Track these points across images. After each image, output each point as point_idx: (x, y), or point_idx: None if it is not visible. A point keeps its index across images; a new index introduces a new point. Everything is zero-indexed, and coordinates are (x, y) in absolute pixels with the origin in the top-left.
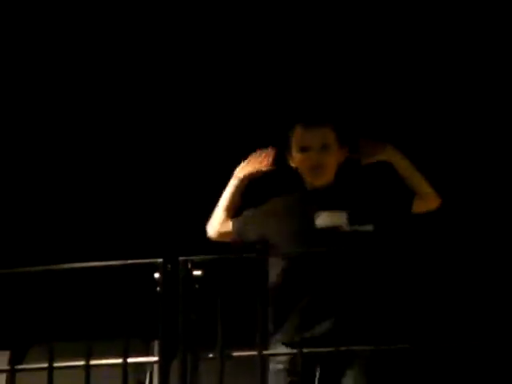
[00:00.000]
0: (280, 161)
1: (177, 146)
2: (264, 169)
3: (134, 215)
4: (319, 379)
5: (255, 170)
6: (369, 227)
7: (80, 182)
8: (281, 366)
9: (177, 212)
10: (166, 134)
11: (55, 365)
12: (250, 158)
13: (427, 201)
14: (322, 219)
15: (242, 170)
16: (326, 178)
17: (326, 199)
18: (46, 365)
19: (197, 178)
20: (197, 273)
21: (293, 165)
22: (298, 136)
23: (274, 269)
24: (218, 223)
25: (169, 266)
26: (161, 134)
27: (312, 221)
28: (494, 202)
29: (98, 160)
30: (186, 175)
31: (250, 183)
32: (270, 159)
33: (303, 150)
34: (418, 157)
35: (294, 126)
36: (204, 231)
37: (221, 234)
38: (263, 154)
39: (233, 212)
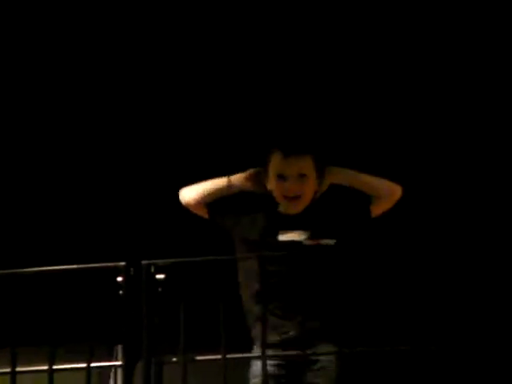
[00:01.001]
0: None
1: (142, 150)
2: (253, 188)
3: (97, 218)
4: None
5: (245, 186)
6: (330, 241)
7: (43, 186)
8: (257, 381)
9: (139, 216)
10: (131, 138)
11: (18, 369)
12: (244, 174)
13: (385, 197)
14: (284, 236)
15: (238, 181)
16: (300, 207)
17: (291, 222)
18: (8, 369)
19: (160, 182)
20: (160, 276)
21: (268, 187)
22: (275, 163)
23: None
24: (193, 196)
25: (132, 269)
26: (125, 139)
27: (275, 237)
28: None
29: (62, 163)
30: (148, 179)
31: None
32: (260, 183)
33: (280, 177)
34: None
35: (272, 150)
36: (167, 235)
37: (189, 205)
38: (256, 175)
39: (207, 199)
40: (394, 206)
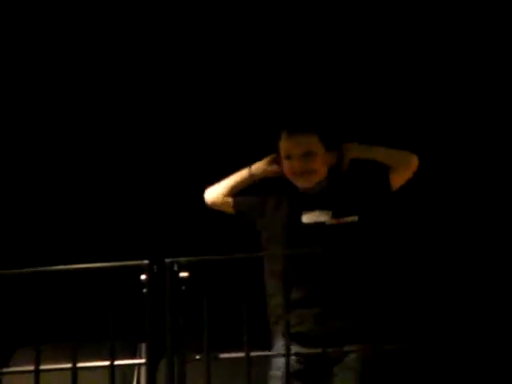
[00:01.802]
0: None
1: (164, 149)
2: (274, 173)
3: (121, 217)
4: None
5: (266, 173)
6: (354, 218)
7: (65, 184)
8: (278, 373)
9: (163, 214)
10: (153, 137)
11: (42, 367)
12: (263, 161)
13: (403, 166)
14: (307, 217)
15: (258, 168)
16: (311, 181)
17: (313, 201)
18: (32, 368)
19: (183, 181)
20: (183, 274)
21: (283, 172)
22: (283, 144)
23: (269, 270)
24: (217, 194)
25: (155, 267)
26: (147, 137)
27: (299, 218)
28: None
29: (84, 163)
30: (172, 177)
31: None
32: (280, 167)
33: (287, 157)
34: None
35: (280, 133)
36: (190, 233)
37: (214, 203)
38: (274, 160)
39: (231, 193)
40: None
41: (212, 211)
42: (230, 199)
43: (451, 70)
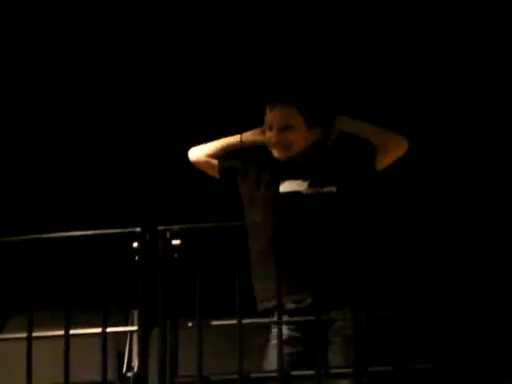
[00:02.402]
0: None
1: (158, 117)
2: (261, 142)
3: (112, 184)
4: (307, 349)
5: (254, 141)
6: (332, 188)
7: (58, 153)
8: (275, 342)
9: (155, 181)
10: (146, 108)
11: (34, 334)
12: (252, 131)
13: (392, 148)
14: (285, 186)
15: (247, 136)
16: (286, 154)
17: (293, 171)
18: (25, 334)
19: (174, 148)
20: (175, 242)
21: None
22: (266, 116)
23: (250, 235)
24: (203, 152)
25: (147, 235)
26: (140, 108)
27: (277, 188)
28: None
29: (78, 132)
30: (163, 145)
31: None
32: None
33: (269, 128)
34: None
35: (266, 105)
36: (183, 201)
37: (198, 162)
38: (263, 132)
39: (217, 155)
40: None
41: (205, 178)
42: (214, 161)
43: (441, 58)
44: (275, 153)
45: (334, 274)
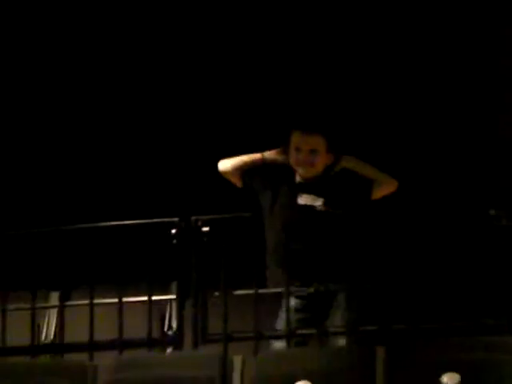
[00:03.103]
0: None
1: (190, 119)
2: (282, 162)
3: (155, 182)
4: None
5: (275, 160)
6: (338, 211)
7: (105, 149)
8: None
9: (190, 178)
10: (182, 106)
11: (95, 301)
12: (275, 150)
13: (384, 185)
14: (302, 199)
15: (270, 155)
16: (312, 173)
17: (308, 188)
18: (87, 302)
19: (204, 150)
20: (205, 229)
21: (290, 161)
22: (295, 139)
23: (270, 231)
24: (230, 165)
25: (183, 223)
26: (176, 105)
27: (295, 199)
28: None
29: (122, 131)
30: (198, 148)
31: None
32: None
33: (297, 150)
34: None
35: (293, 130)
36: (212, 195)
37: (225, 172)
38: (284, 151)
39: (242, 168)
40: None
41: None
42: (238, 173)
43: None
44: (301, 171)
45: (333, 268)
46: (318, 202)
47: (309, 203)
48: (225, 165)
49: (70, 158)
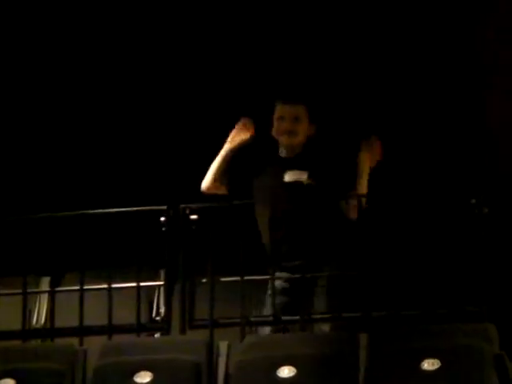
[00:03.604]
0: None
1: (178, 107)
2: (248, 140)
3: (145, 170)
4: (297, 298)
5: (241, 142)
6: (323, 183)
7: (96, 138)
8: (270, 292)
9: (178, 167)
10: (171, 93)
11: (85, 287)
12: (235, 130)
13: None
14: (288, 176)
15: (230, 142)
16: (294, 141)
17: (293, 164)
18: (77, 287)
19: (193, 139)
20: (193, 217)
21: (273, 134)
22: (277, 109)
23: (260, 216)
24: (209, 182)
25: (171, 211)
26: (165, 93)
27: (282, 178)
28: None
29: (109, 116)
30: (183, 137)
31: (237, 152)
32: (252, 129)
33: (280, 119)
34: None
35: (276, 101)
36: (199, 183)
37: (209, 190)
38: (245, 125)
39: (221, 175)
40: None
41: None
42: (223, 185)
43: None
44: (284, 139)
45: (316, 245)
46: (304, 176)
47: (294, 179)
48: (204, 185)
49: (61, 147)
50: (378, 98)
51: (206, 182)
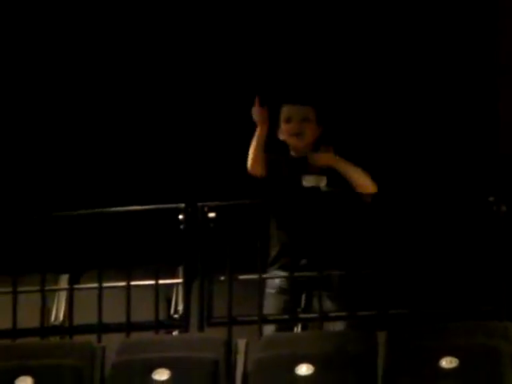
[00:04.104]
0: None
1: (196, 108)
2: (265, 130)
3: (163, 169)
4: (305, 299)
5: (263, 138)
6: (340, 189)
7: (115, 137)
8: (273, 291)
9: (196, 165)
10: (189, 95)
11: (104, 285)
12: (259, 124)
13: (361, 188)
14: (307, 181)
15: (256, 138)
16: (303, 142)
17: (309, 166)
18: (96, 285)
19: (209, 138)
20: (211, 215)
21: (280, 136)
22: (285, 111)
23: (274, 219)
24: (249, 165)
25: (190, 209)
26: (181, 93)
27: (299, 181)
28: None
29: (127, 113)
30: (200, 135)
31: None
32: (265, 115)
33: (288, 120)
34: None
35: (283, 104)
36: (217, 182)
37: (253, 172)
38: (260, 114)
39: (259, 160)
40: None
41: (237, 164)
42: (263, 161)
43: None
44: (292, 141)
45: (322, 248)
46: (322, 182)
47: (313, 185)
48: (248, 166)
49: (81, 146)
50: (393, 96)
51: (248, 165)
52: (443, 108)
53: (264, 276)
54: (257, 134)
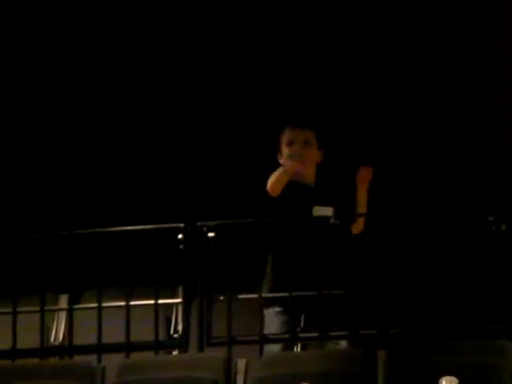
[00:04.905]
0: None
1: (195, 127)
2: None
3: (162, 189)
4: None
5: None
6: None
7: (114, 157)
8: (278, 309)
9: (195, 185)
10: (185, 113)
11: (103, 305)
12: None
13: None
14: (316, 211)
15: (287, 171)
16: (302, 167)
17: (317, 195)
18: (95, 305)
19: (209, 158)
20: (211, 234)
21: (281, 161)
22: (287, 134)
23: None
24: (271, 185)
25: (189, 229)
26: (180, 111)
27: (308, 210)
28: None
29: (126, 133)
30: (199, 155)
31: None
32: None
33: (289, 144)
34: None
35: (285, 128)
36: (216, 202)
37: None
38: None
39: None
40: None
41: (236, 183)
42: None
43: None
44: (295, 164)
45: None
46: (329, 213)
47: (321, 215)
48: (269, 186)
49: (80, 165)
50: (390, 117)
51: (270, 186)
52: (442, 125)
53: (264, 295)
54: (293, 169)
